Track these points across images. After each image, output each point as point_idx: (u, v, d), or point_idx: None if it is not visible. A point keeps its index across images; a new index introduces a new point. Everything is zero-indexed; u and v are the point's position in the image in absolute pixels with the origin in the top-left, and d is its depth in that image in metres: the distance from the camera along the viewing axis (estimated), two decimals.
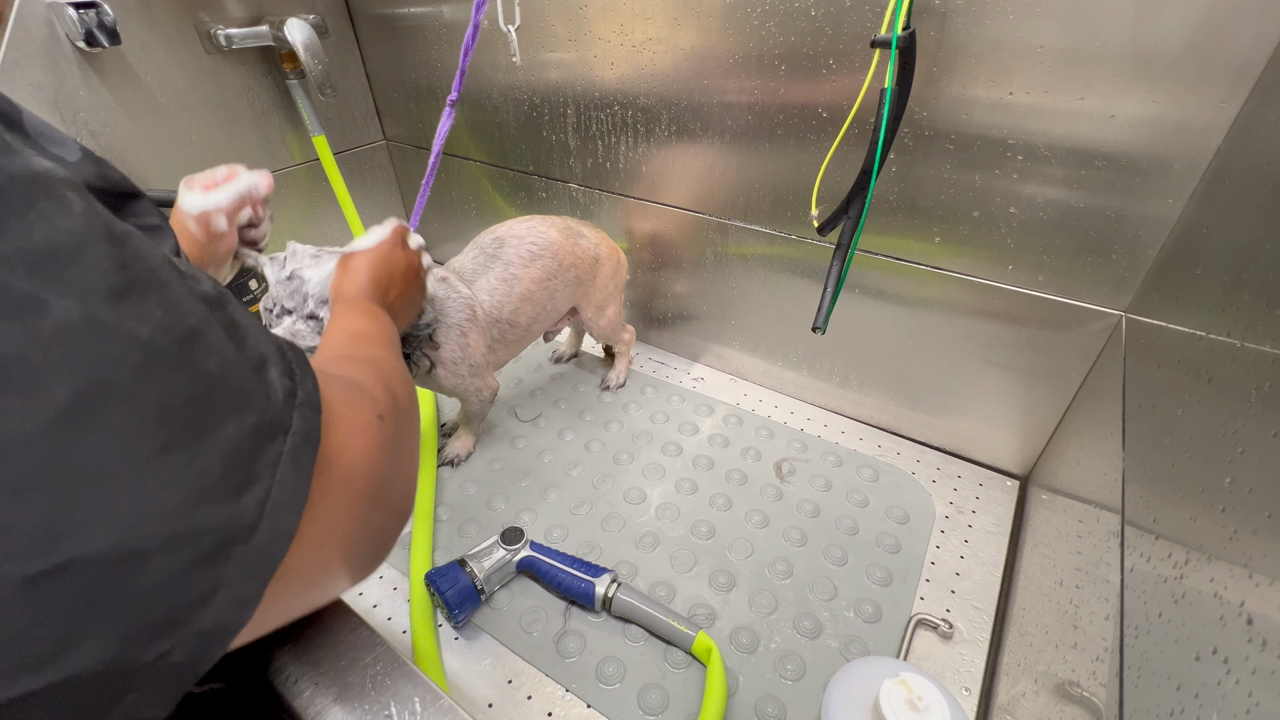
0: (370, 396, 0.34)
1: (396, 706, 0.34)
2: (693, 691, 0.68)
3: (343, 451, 0.29)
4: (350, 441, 0.30)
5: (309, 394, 0.27)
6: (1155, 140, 0.63)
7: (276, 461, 0.24)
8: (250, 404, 0.23)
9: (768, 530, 0.86)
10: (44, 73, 0.86)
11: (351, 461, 0.29)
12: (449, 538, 0.86)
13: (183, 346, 0.21)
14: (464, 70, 0.71)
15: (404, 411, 0.38)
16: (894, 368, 0.96)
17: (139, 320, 0.20)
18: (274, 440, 0.24)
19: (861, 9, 0.72)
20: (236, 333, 0.24)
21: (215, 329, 0.23)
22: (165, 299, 0.21)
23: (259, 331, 0.26)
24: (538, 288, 0.88)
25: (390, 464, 0.33)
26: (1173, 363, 0.53)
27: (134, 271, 0.21)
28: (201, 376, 0.22)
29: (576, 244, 0.93)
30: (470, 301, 0.82)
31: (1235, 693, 0.28)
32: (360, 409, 0.32)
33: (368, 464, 0.31)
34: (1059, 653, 0.54)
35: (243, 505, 0.22)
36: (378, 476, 0.31)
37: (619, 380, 1.12)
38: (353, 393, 0.33)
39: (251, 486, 0.22)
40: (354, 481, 0.29)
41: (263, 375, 0.25)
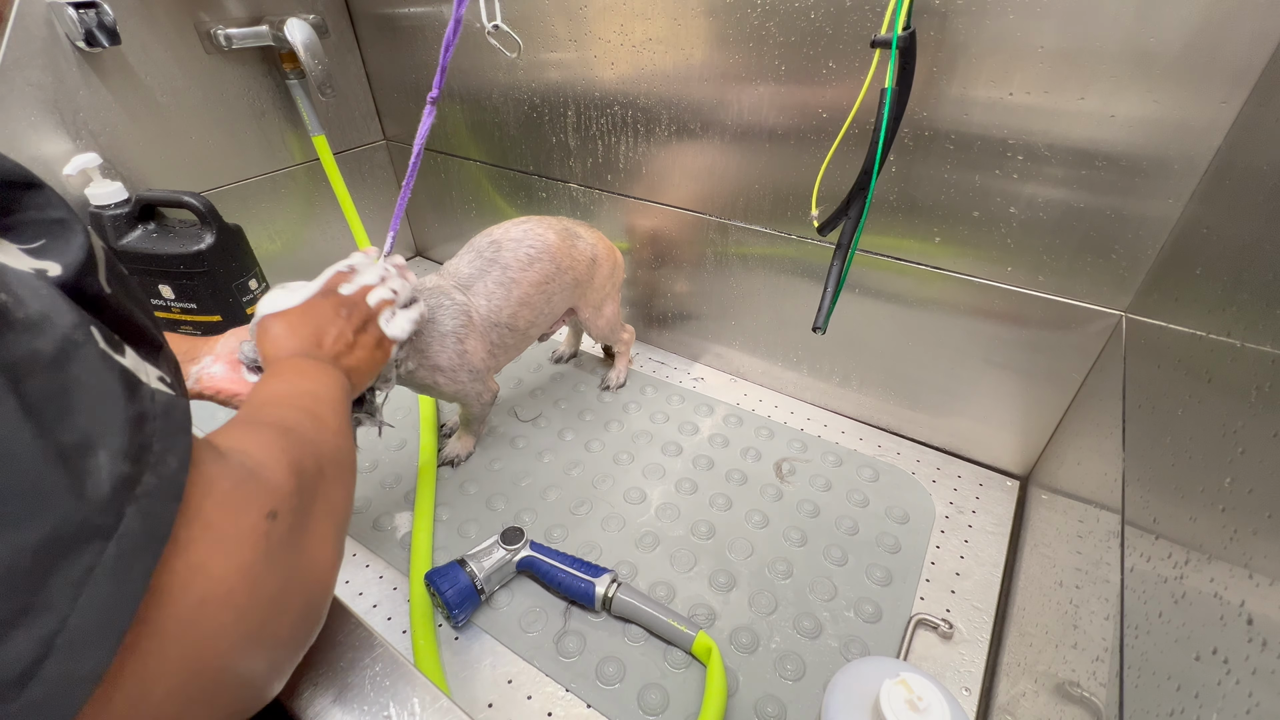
0: (265, 485, 0.28)
1: (396, 707, 0.34)
2: (693, 691, 0.68)
3: (198, 573, 0.22)
4: (214, 557, 0.23)
5: (164, 479, 0.21)
6: (1155, 140, 0.63)
7: (84, 579, 0.18)
8: (42, 507, 0.18)
9: (768, 530, 0.86)
10: (44, 73, 0.86)
11: (209, 590, 0.23)
12: (449, 538, 0.86)
13: None
14: (445, 66, 0.70)
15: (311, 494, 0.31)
16: (894, 368, 0.96)
17: None
18: (81, 551, 0.18)
19: (861, 9, 0.72)
20: (57, 405, 0.19)
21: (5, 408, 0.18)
22: None
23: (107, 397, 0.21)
24: (535, 291, 0.88)
25: (278, 572, 0.26)
26: (1173, 363, 0.53)
27: None
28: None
29: (574, 246, 0.92)
30: (466, 307, 0.82)
31: (1235, 693, 0.28)
32: (243, 509, 0.25)
33: (238, 585, 0.24)
34: (1059, 653, 0.54)
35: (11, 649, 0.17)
36: (257, 600, 0.24)
37: (619, 380, 1.12)
38: (241, 483, 0.26)
39: (29, 620, 0.17)
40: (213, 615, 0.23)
41: (77, 464, 0.19)
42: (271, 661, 0.26)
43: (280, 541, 0.27)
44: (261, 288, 1.10)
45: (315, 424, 0.38)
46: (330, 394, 0.45)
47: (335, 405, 0.44)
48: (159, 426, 0.22)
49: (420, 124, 0.74)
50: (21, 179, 0.25)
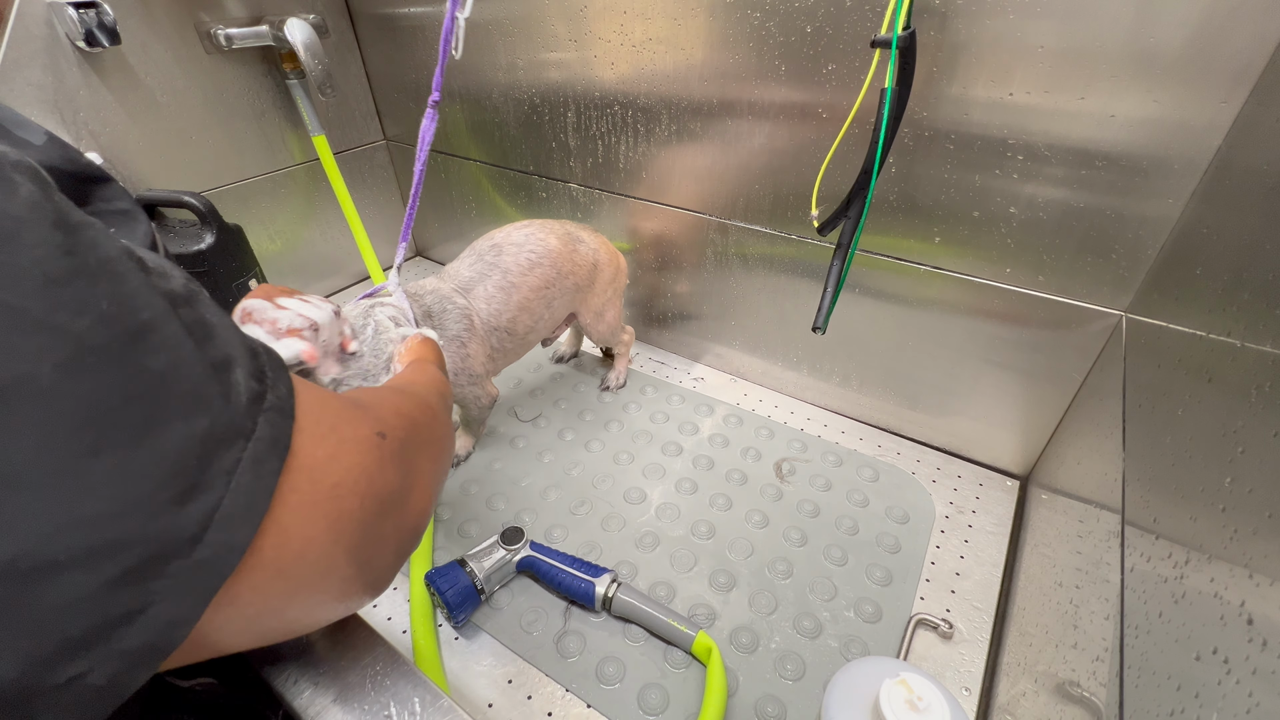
0: (373, 415, 0.32)
1: (396, 707, 0.34)
2: (693, 691, 0.68)
3: (330, 465, 0.27)
4: (340, 455, 0.28)
5: (280, 398, 0.25)
6: (1155, 140, 0.63)
7: (233, 469, 0.22)
8: (204, 407, 0.21)
9: (768, 530, 0.86)
10: (44, 73, 0.86)
11: (340, 477, 0.27)
12: (449, 538, 0.86)
13: (126, 342, 0.20)
14: (443, 66, 0.70)
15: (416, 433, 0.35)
16: (894, 368, 0.96)
17: (75, 312, 0.18)
18: (231, 446, 0.22)
19: (861, 9, 0.72)
20: (200, 330, 0.23)
21: (172, 325, 0.21)
22: (115, 290, 0.20)
23: (229, 331, 0.25)
24: (536, 296, 0.87)
25: (391, 484, 0.31)
26: (1173, 363, 0.53)
27: (80, 259, 0.19)
28: (144, 375, 0.20)
29: (575, 250, 0.92)
30: (468, 311, 0.82)
31: (1235, 693, 0.28)
32: (357, 424, 0.30)
33: (360, 479, 0.28)
34: (1059, 653, 0.54)
35: (184, 516, 0.20)
36: (374, 492, 0.29)
37: (619, 381, 1.12)
38: (351, 408, 0.31)
39: (197, 496, 0.21)
40: (344, 498, 0.27)
41: (224, 376, 0.23)
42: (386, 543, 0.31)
43: (390, 457, 0.31)
44: None
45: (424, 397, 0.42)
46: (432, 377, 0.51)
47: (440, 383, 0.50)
48: (267, 359, 0.26)
49: (422, 131, 0.74)
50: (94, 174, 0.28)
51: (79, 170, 0.28)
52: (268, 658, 0.36)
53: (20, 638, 0.17)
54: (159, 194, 0.97)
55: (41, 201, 0.19)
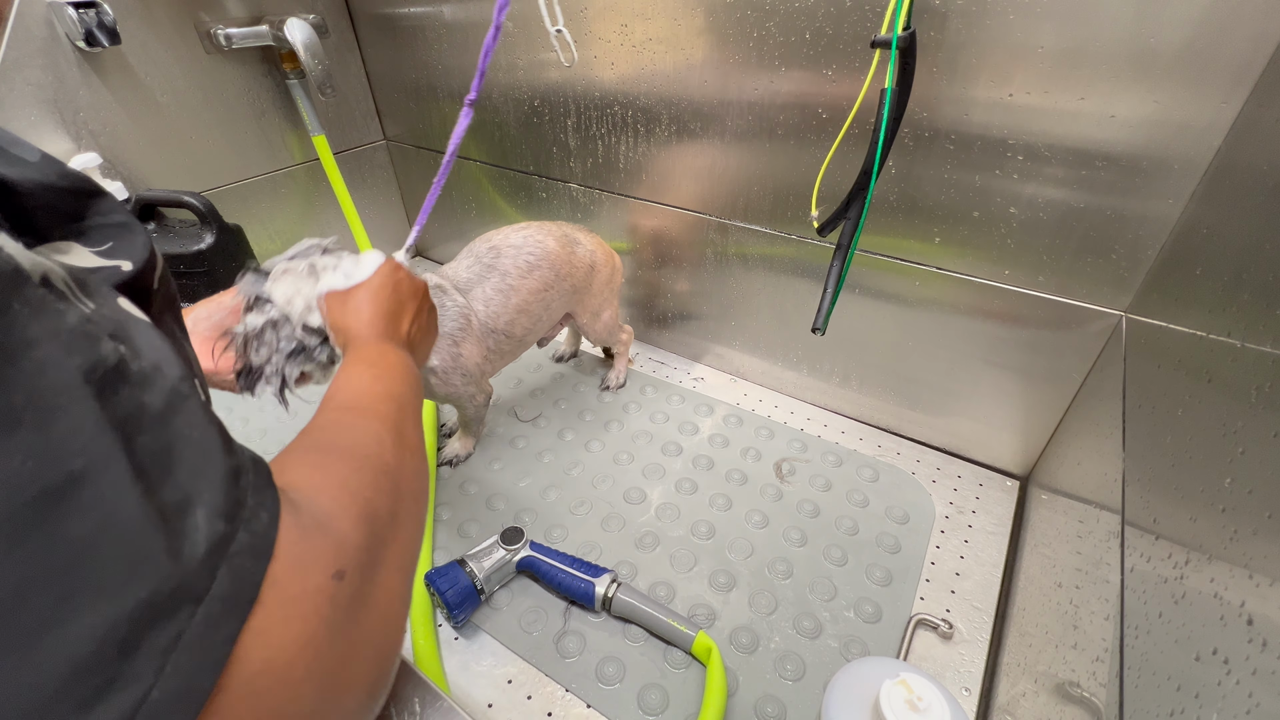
0: (334, 538, 0.25)
1: (396, 707, 0.34)
2: (693, 691, 0.68)
3: (258, 639, 0.20)
4: (276, 623, 0.21)
5: (256, 535, 0.21)
6: (1155, 140, 0.63)
7: (171, 647, 0.18)
8: (141, 572, 0.17)
9: (768, 530, 0.86)
10: (44, 72, 0.86)
11: (270, 655, 0.21)
12: (449, 538, 0.86)
13: (40, 508, 0.16)
14: (483, 71, 0.71)
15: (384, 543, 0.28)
16: (894, 368, 0.96)
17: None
18: (173, 616, 0.18)
19: (861, 9, 0.72)
20: (162, 463, 0.19)
21: (114, 470, 0.18)
22: (39, 438, 0.16)
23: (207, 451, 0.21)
24: (534, 299, 0.87)
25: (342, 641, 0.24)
26: (1173, 363, 0.53)
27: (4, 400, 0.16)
28: (57, 548, 0.16)
29: (573, 253, 0.92)
30: (465, 310, 0.82)
31: (1235, 693, 0.28)
32: (309, 569, 0.23)
33: (296, 656, 0.21)
34: (1059, 653, 0.54)
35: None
36: (318, 673, 0.22)
37: (618, 381, 1.12)
38: (307, 537, 0.24)
39: (113, 694, 0.16)
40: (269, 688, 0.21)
41: (176, 525, 0.19)
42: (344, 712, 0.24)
43: (346, 604, 0.24)
44: None
45: (396, 443, 0.35)
46: (414, 398, 0.42)
47: (417, 413, 0.40)
48: (251, 481, 0.22)
49: (456, 126, 0.74)
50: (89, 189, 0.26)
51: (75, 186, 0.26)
52: None
53: None
54: (159, 194, 0.97)
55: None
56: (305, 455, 0.31)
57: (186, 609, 0.18)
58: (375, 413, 0.37)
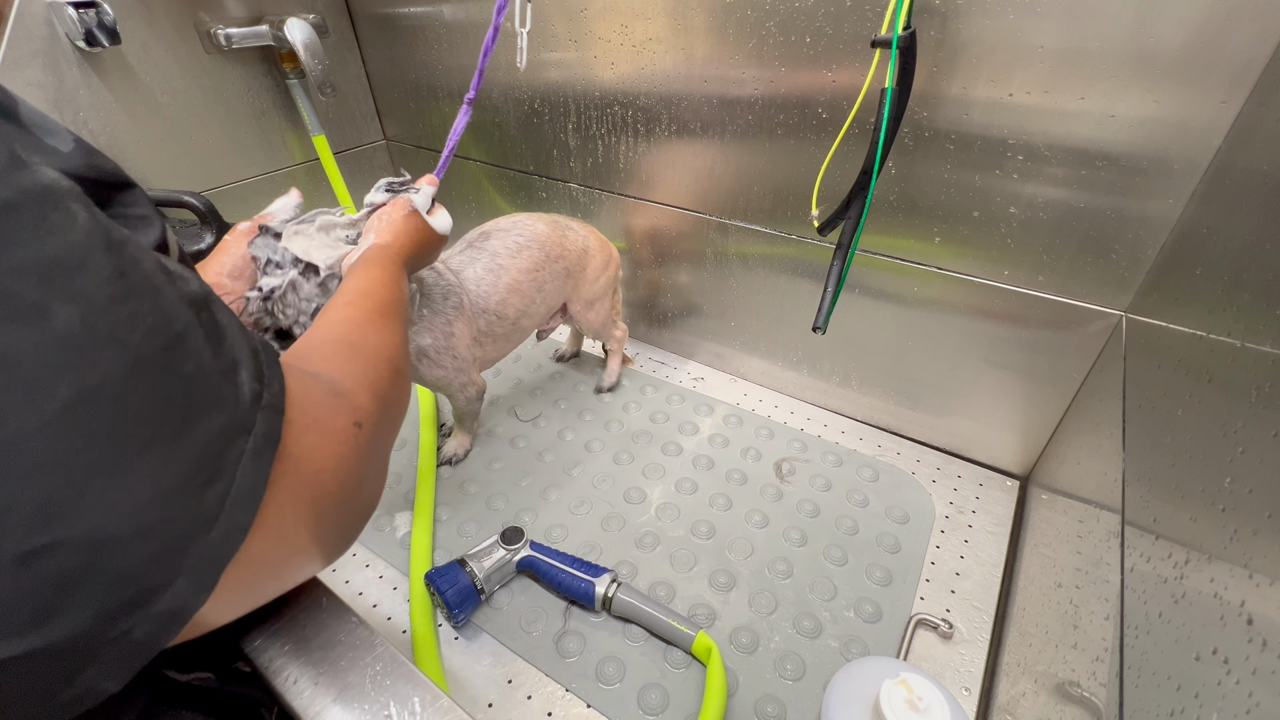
0: (351, 403, 0.35)
1: (396, 706, 0.34)
2: (693, 691, 0.68)
3: (313, 455, 0.30)
4: (322, 446, 0.31)
5: (274, 396, 0.28)
6: (1155, 140, 0.63)
7: (239, 460, 0.25)
8: (221, 406, 0.25)
9: (768, 530, 0.86)
10: (44, 72, 0.86)
11: (320, 465, 0.31)
12: (449, 538, 0.86)
13: (167, 352, 0.23)
14: (482, 70, 0.71)
15: (387, 409, 0.39)
16: (894, 368, 0.96)
17: (131, 326, 0.22)
18: (238, 440, 0.25)
19: (861, 9, 0.72)
20: (215, 335, 0.26)
21: (197, 333, 0.24)
22: (156, 304, 0.23)
23: (236, 333, 0.27)
24: (525, 278, 0.88)
25: (362, 468, 0.34)
26: (1173, 363, 0.53)
27: (130, 279, 0.22)
28: (181, 380, 0.23)
29: (565, 236, 0.93)
30: (458, 290, 0.82)
31: (1235, 693, 0.28)
32: (337, 415, 0.33)
33: (337, 469, 0.32)
34: (1059, 653, 0.54)
35: (206, 500, 0.23)
36: (348, 480, 0.32)
37: (610, 381, 1.12)
38: (332, 399, 0.34)
39: (215, 483, 0.24)
40: (322, 484, 0.31)
41: (234, 378, 0.26)
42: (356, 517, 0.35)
43: (365, 443, 0.34)
44: None
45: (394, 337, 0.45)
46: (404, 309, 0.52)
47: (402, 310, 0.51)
48: (265, 358, 0.29)
49: (455, 122, 0.75)
50: (118, 180, 0.31)
51: (103, 176, 0.31)
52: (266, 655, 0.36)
53: (91, 597, 0.20)
54: (159, 194, 0.97)
55: (94, 228, 0.22)
56: (335, 349, 0.40)
57: (243, 437, 0.25)
58: (391, 314, 0.48)
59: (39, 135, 0.29)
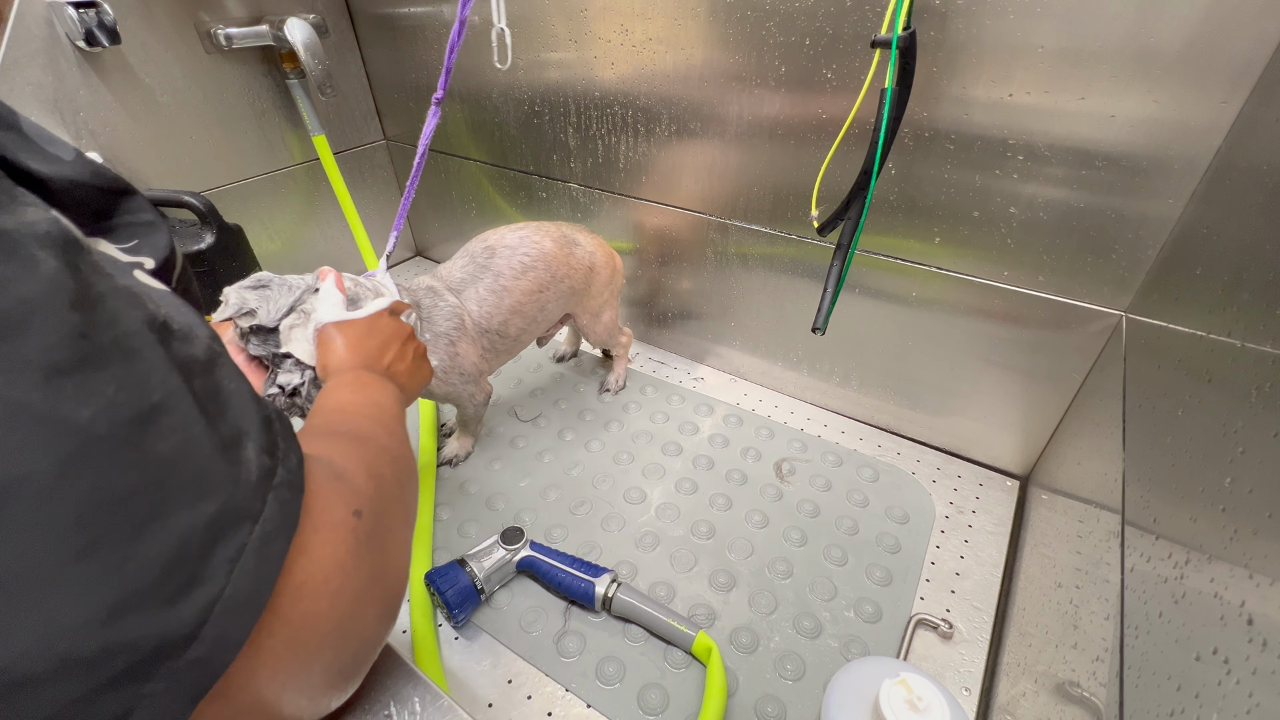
0: (350, 485, 0.30)
1: (396, 706, 0.34)
2: (693, 691, 0.68)
3: (300, 556, 0.25)
4: (313, 545, 0.26)
5: (291, 471, 0.24)
6: (1155, 140, 0.63)
7: (237, 556, 0.21)
8: (211, 490, 0.21)
9: (768, 530, 0.86)
10: (44, 72, 0.86)
11: (311, 570, 0.25)
12: (449, 538, 0.86)
13: (133, 429, 0.19)
14: (449, 68, 0.71)
15: (389, 499, 0.33)
16: (894, 368, 0.96)
17: (80, 402, 0.18)
18: (236, 530, 0.21)
19: (861, 9, 0.72)
20: (216, 402, 0.22)
21: (185, 403, 0.21)
22: (126, 372, 0.19)
23: (244, 400, 0.24)
24: (528, 300, 0.87)
25: (364, 567, 0.28)
26: (1173, 363, 0.53)
27: (93, 342, 0.19)
28: (149, 463, 0.19)
29: (571, 253, 0.91)
30: (459, 310, 0.81)
31: (1236, 693, 0.28)
32: (333, 505, 0.28)
33: (332, 572, 0.26)
34: (1059, 653, 0.54)
35: (179, 613, 0.19)
36: (347, 590, 0.27)
37: (618, 384, 1.12)
38: (330, 482, 0.29)
39: (196, 589, 0.20)
40: (311, 597, 0.25)
41: (235, 454, 0.22)
42: (356, 654, 0.28)
43: (365, 538, 0.29)
44: None
45: (386, 434, 0.39)
46: (393, 408, 0.46)
47: (399, 418, 0.45)
48: (280, 428, 0.25)
49: (425, 125, 0.74)
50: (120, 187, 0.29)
51: (106, 184, 0.29)
52: None
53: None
54: (159, 194, 0.97)
55: (63, 279, 0.18)
56: (313, 437, 0.35)
57: (246, 526, 0.21)
58: (361, 413, 0.42)
59: (41, 144, 0.28)
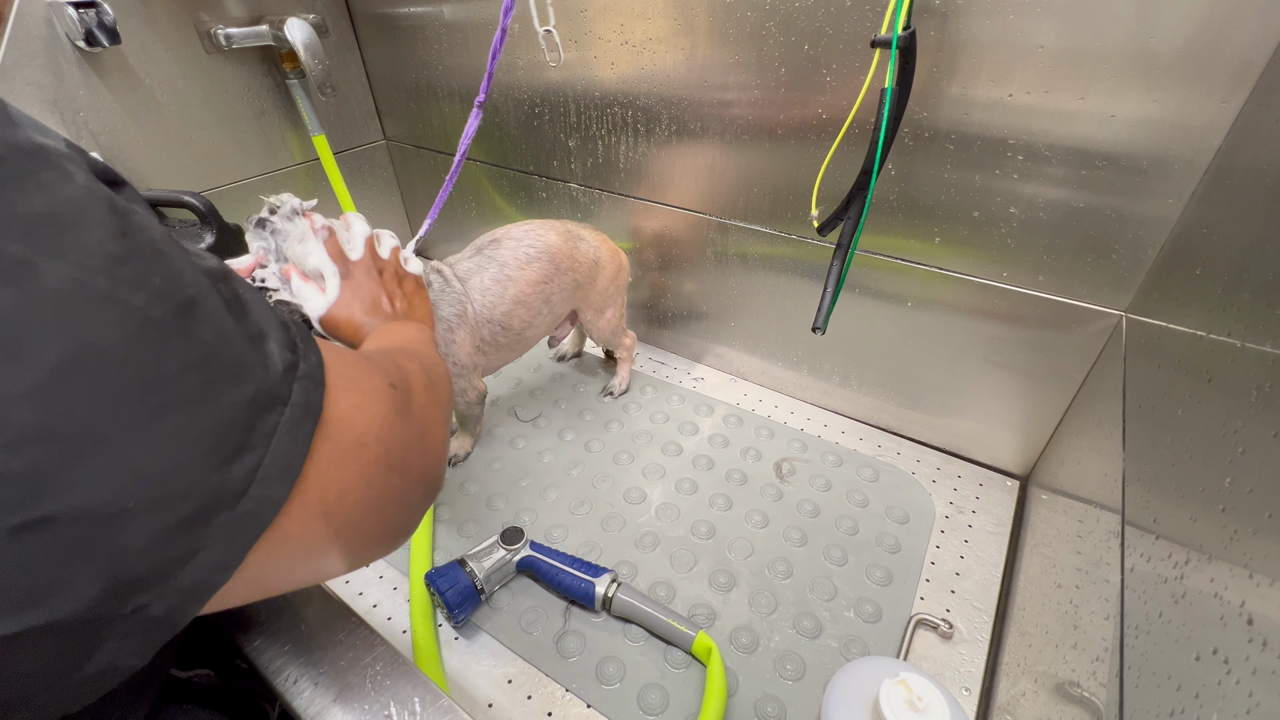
0: (382, 368, 0.34)
1: (396, 706, 0.34)
2: (693, 691, 0.68)
3: (355, 416, 0.29)
4: (363, 406, 0.30)
5: (311, 367, 0.27)
6: (1155, 140, 0.63)
7: (272, 432, 0.24)
8: (247, 375, 0.24)
9: (768, 530, 0.86)
10: (44, 72, 0.86)
11: (365, 427, 0.30)
12: (449, 538, 0.86)
13: (179, 315, 0.22)
14: (491, 73, 0.72)
15: (422, 385, 0.38)
16: (894, 368, 0.96)
17: (134, 288, 0.20)
18: (271, 411, 0.24)
19: (861, 9, 0.72)
20: (237, 305, 0.25)
21: (214, 300, 0.23)
22: (164, 268, 0.22)
23: (261, 306, 0.27)
24: (532, 291, 0.87)
25: (407, 430, 0.33)
26: (1173, 363, 0.53)
27: (133, 241, 0.21)
28: (197, 345, 0.22)
29: (576, 247, 0.92)
30: (463, 299, 0.82)
31: (1236, 693, 0.28)
32: (371, 375, 0.32)
33: (382, 428, 0.31)
34: (1059, 653, 0.54)
35: (232, 473, 0.22)
36: (395, 441, 0.31)
37: (621, 387, 1.12)
38: (363, 361, 0.33)
39: (243, 455, 0.23)
40: (369, 447, 0.29)
41: (261, 347, 0.25)
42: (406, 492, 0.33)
43: (402, 406, 0.33)
44: None
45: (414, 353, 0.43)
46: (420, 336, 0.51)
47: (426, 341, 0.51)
48: (297, 331, 0.28)
49: (466, 127, 0.76)
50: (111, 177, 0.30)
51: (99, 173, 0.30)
52: (266, 656, 0.36)
53: (96, 573, 0.19)
54: (159, 194, 0.97)
55: (95, 187, 0.21)
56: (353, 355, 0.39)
57: (278, 408, 0.24)
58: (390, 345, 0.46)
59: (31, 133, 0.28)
